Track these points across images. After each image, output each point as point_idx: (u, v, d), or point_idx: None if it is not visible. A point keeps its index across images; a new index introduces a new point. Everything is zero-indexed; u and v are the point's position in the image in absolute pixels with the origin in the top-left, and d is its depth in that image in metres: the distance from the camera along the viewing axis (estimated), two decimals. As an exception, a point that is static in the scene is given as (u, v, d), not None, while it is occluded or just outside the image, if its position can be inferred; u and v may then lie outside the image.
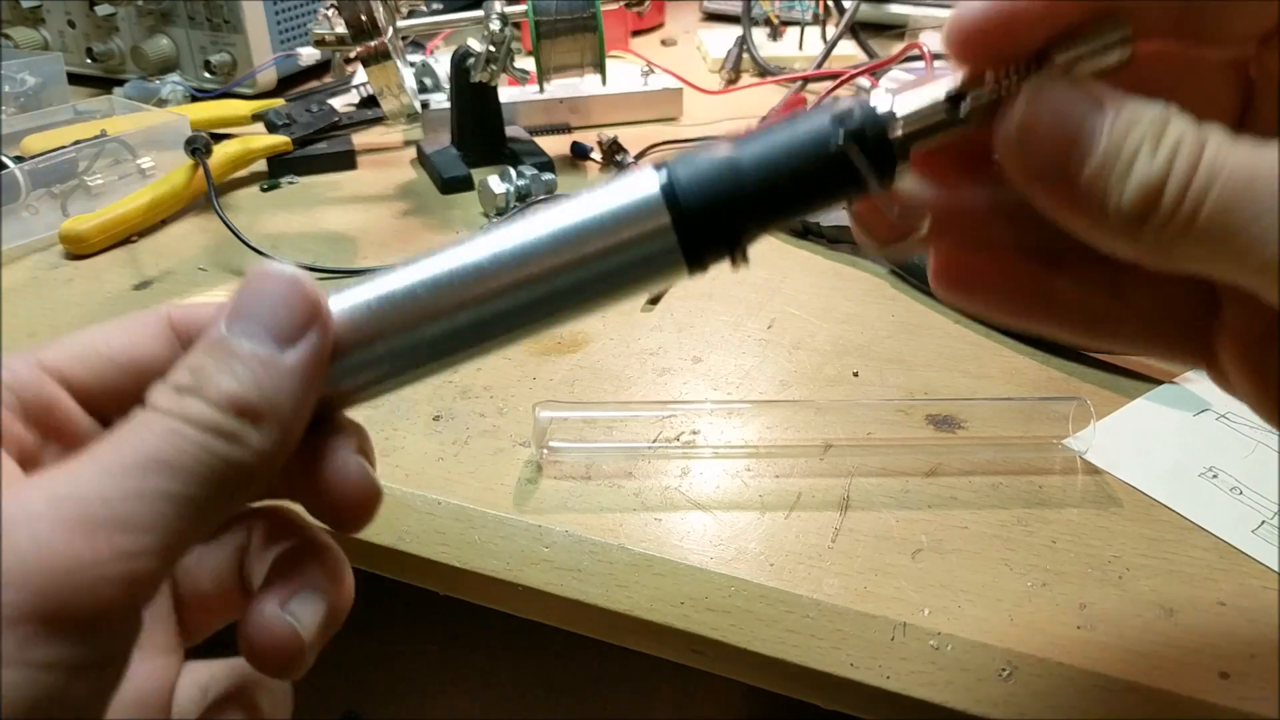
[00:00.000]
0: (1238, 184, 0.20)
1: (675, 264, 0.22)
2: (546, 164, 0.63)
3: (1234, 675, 0.28)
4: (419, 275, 0.22)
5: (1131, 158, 0.21)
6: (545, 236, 0.22)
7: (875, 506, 0.35)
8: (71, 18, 0.80)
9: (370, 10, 0.53)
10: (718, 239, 0.22)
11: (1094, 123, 0.21)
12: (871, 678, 0.29)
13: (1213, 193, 0.20)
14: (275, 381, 0.21)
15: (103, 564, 0.18)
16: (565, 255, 0.22)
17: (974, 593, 0.31)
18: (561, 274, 0.22)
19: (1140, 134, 0.21)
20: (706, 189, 0.21)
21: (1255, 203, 0.20)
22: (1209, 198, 0.20)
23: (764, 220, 0.22)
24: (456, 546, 0.34)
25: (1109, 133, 0.21)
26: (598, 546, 0.34)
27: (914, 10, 0.96)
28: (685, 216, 0.21)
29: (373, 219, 0.59)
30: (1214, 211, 0.20)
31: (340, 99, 0.72)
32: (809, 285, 0.51)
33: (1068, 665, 0.29)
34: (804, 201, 0.22)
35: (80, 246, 0.54)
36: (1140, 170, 0.21)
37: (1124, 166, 0.21)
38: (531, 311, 0.22)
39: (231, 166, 0.62)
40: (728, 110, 0.77)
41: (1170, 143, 0.20)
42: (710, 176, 0.21)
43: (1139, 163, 0.21)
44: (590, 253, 0.21)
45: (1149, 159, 0.20)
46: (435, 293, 0.22)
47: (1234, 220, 0.20)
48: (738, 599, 0.31)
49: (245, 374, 0.20)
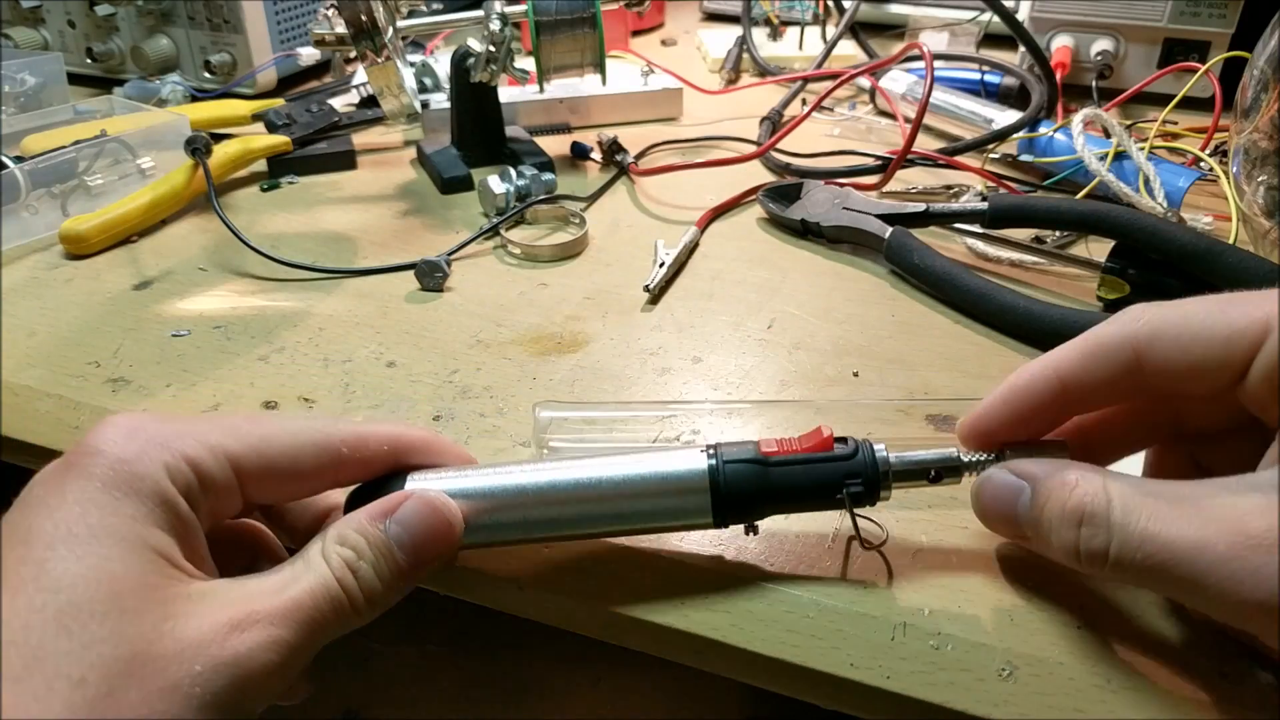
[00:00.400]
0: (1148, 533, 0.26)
1: (705, 523, 0.31)
2: (546, 164, 0.63)
3: (1234, 675, 0.28)
4: (527, 480, 0.31)
5: (1048, 529, 0.28)
6: (623, 477, 0.30)
7: (875, 507, 0.35)
8: (71, 18, 0.80)
9: (370, 10, 0.53)
10: (739, 517, 0.31)
11: (1019, 501, 0.29)
12: (871, 678, 0.29)
13: (1114, 549, 0.26)
14: (401, 587, 0.28)
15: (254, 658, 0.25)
16: (632, 499, 0.30)
17: (974, 593, 0.31)
18: (625, 504, 0.30)
19: (1053, 509, 0.28)
20: (739, 484, 0.30)
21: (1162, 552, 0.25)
22: (1114, 554, 0.26)
23: (773, 513, 0.31)
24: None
25: (1029, 509, 0.29)
26: (598, 546, 0.34)
27: (914, 10, 0.96)
28: (721, 498, 0.30)
29: (373, 219, 0.59)
30: (1121, 563, 0.26)
31: (340, 99, 0.72)
32: (809, 285, 0.51)
33: (1068, 665, 0.29)
34: (804, 509, 0.32)
35: (80, 246, 0.54)
36: (1056, 540, 0.28)
37: (1045, 534, 0.28)
38: (589, 526, 0.31)
39: (231, 166, 0.62)
40: (728, 110, 0.77)
41: (1072, 516, 0.27)
42: (746, 474, 0.30)
43: (1053, 535, 0.28)
44: (648, 500, 0.30)
45: (1060, 529, 0.28)
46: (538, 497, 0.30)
47: (1146, 565, 0.26)
48: (738, 599, 0.31)
49: (387, 577, 0.28)
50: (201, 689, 0.23)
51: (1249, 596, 0.24)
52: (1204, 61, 0.73)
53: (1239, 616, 0.25)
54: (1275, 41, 0.47)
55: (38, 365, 0.44)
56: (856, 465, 0.30)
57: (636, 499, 0.30)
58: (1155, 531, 0.25)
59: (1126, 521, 0.26)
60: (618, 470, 0.30)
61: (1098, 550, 0.27)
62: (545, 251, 0.54)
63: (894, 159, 0.60)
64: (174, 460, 0.26)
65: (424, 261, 0.51)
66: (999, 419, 0.31)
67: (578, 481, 0.30)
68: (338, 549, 0.28)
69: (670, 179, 0.64)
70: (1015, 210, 0.51)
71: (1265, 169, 0.48)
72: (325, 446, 0.29)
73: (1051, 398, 0.30)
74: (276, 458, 0.28)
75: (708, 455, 0.30)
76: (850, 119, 0.75)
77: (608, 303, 0.49)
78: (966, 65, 0.77)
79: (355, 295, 0.50)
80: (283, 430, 0.29)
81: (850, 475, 0.30)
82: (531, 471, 0.31)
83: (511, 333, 0.47)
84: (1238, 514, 0.24)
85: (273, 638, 0.25)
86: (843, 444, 0.31)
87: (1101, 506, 0.27)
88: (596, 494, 0.30)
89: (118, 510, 0.25)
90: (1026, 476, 0.29)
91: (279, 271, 0.52)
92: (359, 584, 0.27)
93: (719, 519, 0.30)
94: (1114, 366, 0.29)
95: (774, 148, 0.64)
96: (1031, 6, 0.77)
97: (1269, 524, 0.24)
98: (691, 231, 0.55)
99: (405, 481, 0.31)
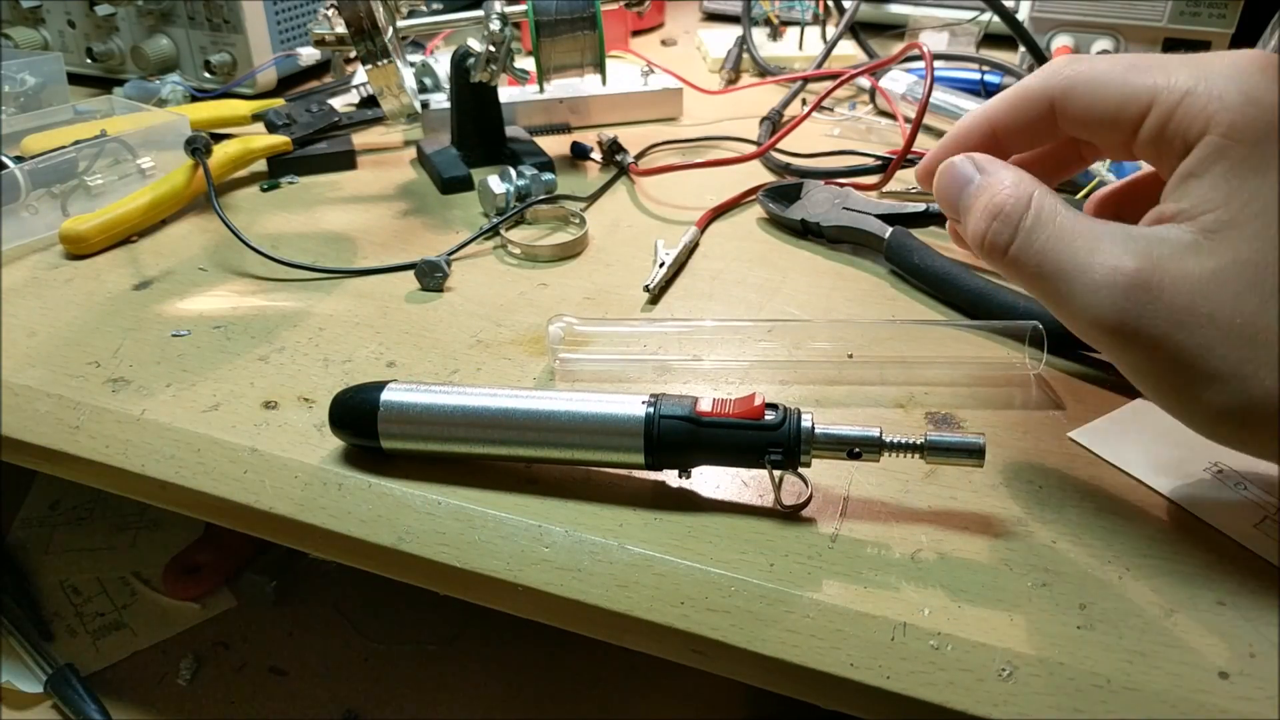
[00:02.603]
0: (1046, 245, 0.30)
1: (638, 463, 0.35)
2: (546, 164, 0.63)
3: (1234, 675, 0.28)
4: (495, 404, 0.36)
5: (972, 215, 0.33)
6: (568, 411, 0.35)
7: (875, 506, 0.35)
8: (71, 18, 0.80)
9: (370, 10, 0.53)
10: (671, 464, 0.35)
11: (966, 189, 0.34)
12: (871, 678, 0.29)
13: (1013, 249, 0.31)
14: None
15: None
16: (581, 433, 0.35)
17: (974, 593, 0.31)
18: (568, 436, 0.35)
19: (982, 199, 0.32)
20: (671, 435, 0.34)
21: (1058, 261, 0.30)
22: (1012, 252, 0.31)
23: (703, 464, 0.35)
24: (457, 547, 0.34)
25: (966, 194, 0.33)
26: (598, 546, 0.34)
27: (914, 10, 0.96)
28: (654, 446, 0.34)
29: (373, 219, 0.59)
30: (1016, 263, 0.31)
31: (340, 99, 0.72)
32: (809, 285, 0.51)
33: (1068, 665, 0.29)
34: (732, 465, 0.36)
35: (80, 246, 0.54)
36: (972, 225, 0.33)
37: (966, 219, 0.33)
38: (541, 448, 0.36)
39: (231, 166, 0.62)
40: (728, 110, 0.77)
41: (991, 209, 0.32)
42: (678, 429, 0.34)
43: (971, 220, 0.33)
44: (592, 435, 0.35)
45: (978, 217, 0.32)
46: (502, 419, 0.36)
47: (1033, 273, 0.31)
48: (738, 599, 0.32)
49: None
50: None
51: (1098, 320, 0.29)
52: (1204, 61, 0.73)
53: (1087, 336, 0.30)
54: (1275, 41, 0.47)
55: (38, 365, 0.44)
56: (779, 435, 0.33)
57: (584, 433, 0.35)
58: (1051, 248, 0.30)
59: (1033, 230, 0.31)
60: (572, 406, 0.35)
61: (1000, 245, 0.31)
62: (545, 251, 0.54)
63: (894, 159, 0.60)
64: None
65: (424, 261, 0.51)
66: (943, 160, 0.36)
67: (538, 411, 0.35)
68: None
69: (670, 179, 0.64)
70: (1015, 210, 0.51)
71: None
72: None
73: (986, 142, 0.36)
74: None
75: (647, 405, 0.35)
76: (850, 119, 0.75)
77: (608, 303, 0.49)
78: (966, 65, 0.77)
79: (355, 295, 0.50)
80: None
81: (773, 444, 0.33)
82: (493, 396, 0.36)
83: (512, 333, 0.47)
84: (1120, 253, 0.29)
85: None
86: (774, 411, 0.34)
87: (1018, 210, 0.31)
88: (552, 423, 0.35)
89: None
90: (979, 168, 0.33)
91: (279, 271, 0.52)
92: None
93: (650, 462, 0.35)
94: (1034, 113, 0.34)
95: (774, 148, 0.64)
96: (1031, 6, 0.77)
97: (1137, 267, 0.28)
98: (691, 231, 0.55)
99: (383, 391, 0.36)
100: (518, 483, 0.36)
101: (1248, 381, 0.27)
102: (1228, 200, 0.28)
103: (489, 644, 0.73)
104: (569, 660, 0.72)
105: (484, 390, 0.36)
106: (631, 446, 0.35)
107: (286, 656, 0.70)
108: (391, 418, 0.36)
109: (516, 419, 0.35)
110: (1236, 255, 0.28)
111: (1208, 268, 0.28)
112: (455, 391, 0.37)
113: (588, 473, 0.37)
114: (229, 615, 0.74)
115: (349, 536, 0.36)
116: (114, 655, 0.69)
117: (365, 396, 0.36)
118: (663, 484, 0.37)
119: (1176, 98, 0.29)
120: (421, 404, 0.36)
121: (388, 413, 0.36)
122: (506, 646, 0.72)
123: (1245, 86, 0.28)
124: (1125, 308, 0.28)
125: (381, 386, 0.37)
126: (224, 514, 0.38)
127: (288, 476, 0.37)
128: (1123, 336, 0.29)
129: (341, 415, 0.37)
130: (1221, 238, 0.28)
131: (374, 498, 0.36)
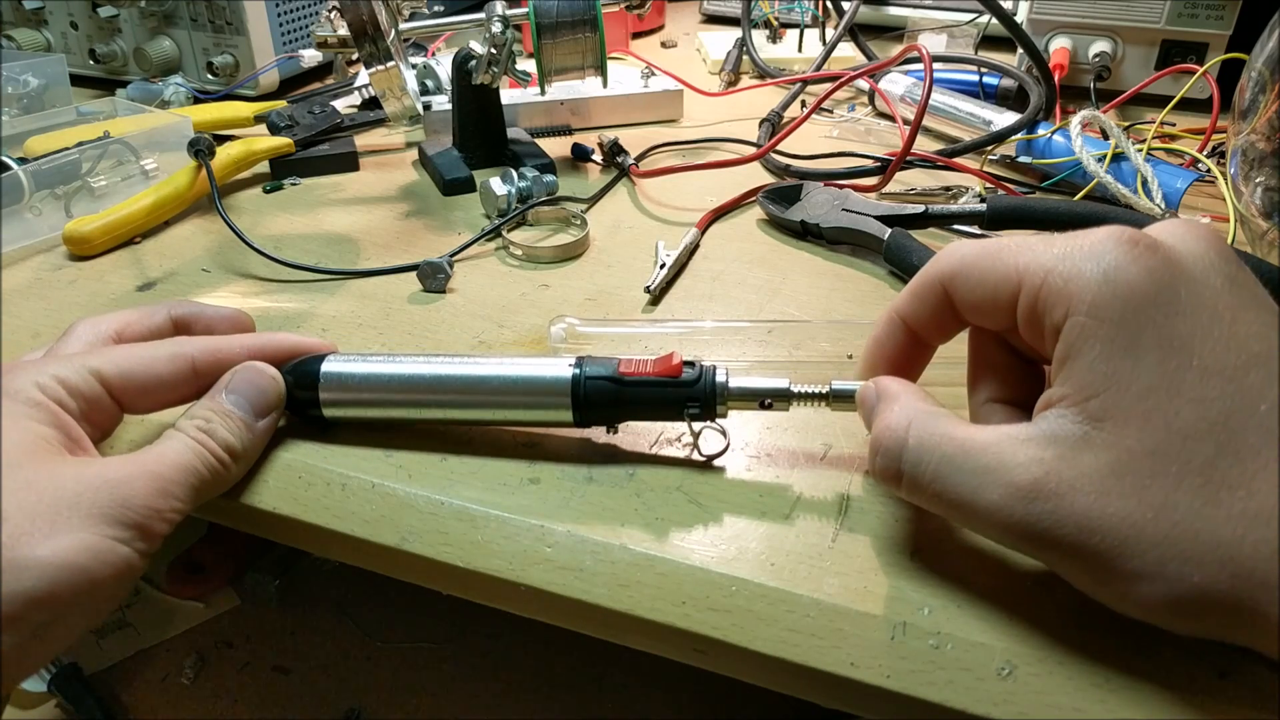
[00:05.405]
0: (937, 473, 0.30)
1: (568, 421, 0.37)
2: (548, 165, 0.64)
3: (1234, 675, 0.28)
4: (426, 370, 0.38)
5: (870, 445, 0.32)
6: (499, 375, 0.37)
7: (875, 506, 0.35)
8: (74, 19, 0.80)
9: (373, 13, 0.53)
10: (598, 421, 0.37)
11: (871, 414, 0.33)
12: (871, 677, 0.30)
13: (905, 481, 0.31)
14: (254, 440, 0.36)
15: (151, 499, 0.31)
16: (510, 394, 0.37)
17: (974, 592, 0.31)
18: (502, 398, 0.37)
19: (873, 433, 0.32)
20: (596, 394, 0.36)
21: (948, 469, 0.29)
22: (905, 483, 0.31)
23: (629, 420, 0.38)
24: (459, 546, 0.35)
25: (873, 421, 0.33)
26: (599, 546, 0.34)
27: (913, 12, 0.96)
28: (581, 404, 0.36)
29: (375, 220, 0.59)
30: (912, 492, 0.31)
31: (342, 101, 0.72)
32: (809, 285, 0.51)
33: (1068, 665, 0.29)
34: (656, 419, 0.38)
35: (83, 248, 0.54)
36: (869, 455, 0.32)
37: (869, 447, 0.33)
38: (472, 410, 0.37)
39: (234, 168, 0.62)
40: (728, 112, 0.78)
41: (873, 445, 0.32)
42: (602, 388, 0.36)
43: (869, 451, 0.32)
44: (521, 395, 0.37)
45: (871, 450, 0.32)
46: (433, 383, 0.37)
47: (932, 502, 0.30)
48: (738, 598, 0.32)
49: (238, 433, 0.35)
50: (88, 503, 0.30)
51: (1008, 533, 0.28)
52: (1202, 63, 0.73)
53: (1010, 547, 0.29)
54: (1273, 43, 0.47)
55: (42, 366, 0.44)
56: (696, 391, 0.36)
57: (517, 394, 0.37)
58: (942, 474, 0.29)
59: (918, 463, 0.30)
60: (500, 370, 0.37)
61: (889, 477, 0.31)
62: (547, 253, 0.54)
63: (893, 161, 0.60)
64: (43, 378, 0.33)
65: (426, 263, 0.51)
66: (872, 370, 0.35)
67: (473, 375, 0.37)
68: (189, 422, 0.35)
69: (671, 180, 0.64)
70: (1013, 212, 0.52)
71: (1263, 170, 0.48)
72: (177, 359, 0.36)
73: (905, 339, 0.35)
74: (135, 371, 0.34)
75: (573, 367, 0.36)
76: (849, 121, 0.76)
77: (609, 304, 0.50)
78: (965, 67, 0.77)
79: (358, 296, 0.50)
80: (144, 350, 0.35)
81: (690, 399, 0.36)
82: (428, 363, 0.37)
83: (513, 333, 0.47)
84: (1011, 466, 0.28)
85: (147, 469, 0.32)
86: (690, 368, 0.36)
87: (896, 445, 0.31)
88: (485, 386, 0.37)
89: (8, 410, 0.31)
90: (879, 395, 0.33)
91: (282, 273, 0.52)
92: (215, 440, 0.34)
93: (579, 419, 0.37)
94: (935, 303, 0.33)
95: (774, 149, 0.64)
96: (1029, 8, 0.77)
97: (1033, 478, 0.27)
98: (692, 233, 0.55)
99: (323, 363, 0.38)
100: (520, 482, 0.37)
101: (1172, 581, 0.25)
102: (1107, 384, 0.27)
103: (491, 643, 0.73)
104: (570, 660, 0.72)
105: (419, 357, 0.38)
106: (560, 405, 0.36)
107: (289, 655, 0.70)
108: (332, 386, 0.38)
109: (452, 384, 0.37)
110: (1130, 445, 0.26)
111: (1104, 462, 0.26)
112: (391, 359, 0.38)
113: (590, 472, 0.37)
114: (232, 614, 0.74)
115: (352, 537, 0.36)
116: (118, 654, 0.69)
117: (306, 369, 0.38)
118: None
119: (1039, 279, 0.29)
120: (360, 373, 0.38)
121: (328, 382, 0.38)
122: (508, 646, 0.73)
123: (1103, 265, 0.28)
124: (1030, 521, 0.27)
125: (321, 359, 0.38)
126: (227, 514, 0.38)
127: (291, 477, 0.37)
128: (1038, 546, 0.28)
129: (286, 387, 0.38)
130: (1110, 426, 0.27)
131: (377, 498, 0.36)
